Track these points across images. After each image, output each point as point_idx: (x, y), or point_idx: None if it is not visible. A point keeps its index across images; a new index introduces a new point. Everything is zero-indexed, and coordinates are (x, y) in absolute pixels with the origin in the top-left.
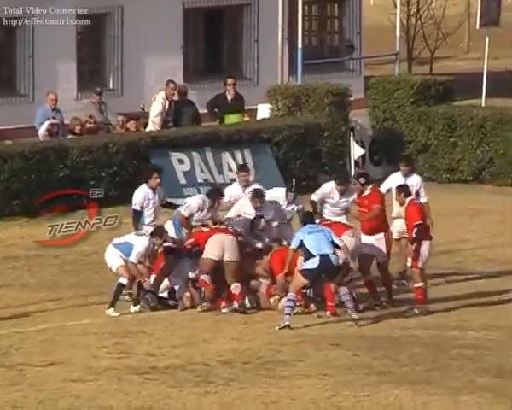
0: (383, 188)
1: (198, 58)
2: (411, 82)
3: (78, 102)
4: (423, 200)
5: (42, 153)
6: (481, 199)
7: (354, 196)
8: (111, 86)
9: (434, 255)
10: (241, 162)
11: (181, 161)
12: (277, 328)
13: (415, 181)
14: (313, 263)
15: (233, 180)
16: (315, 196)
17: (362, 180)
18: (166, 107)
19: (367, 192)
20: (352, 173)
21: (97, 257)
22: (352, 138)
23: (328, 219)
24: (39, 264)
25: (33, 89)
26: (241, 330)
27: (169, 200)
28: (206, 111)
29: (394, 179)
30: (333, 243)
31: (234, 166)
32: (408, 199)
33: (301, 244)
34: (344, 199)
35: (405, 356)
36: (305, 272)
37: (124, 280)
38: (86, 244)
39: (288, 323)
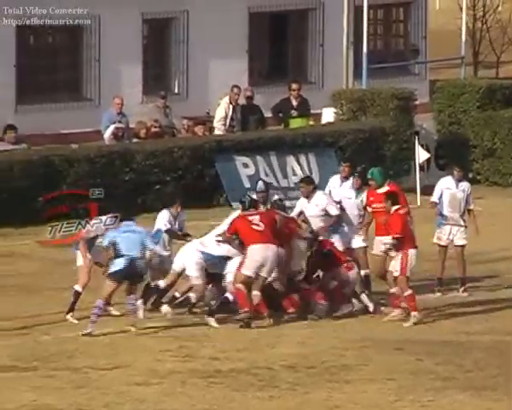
0: (436, 194)
1: (263, 62)
2: (477, 86)
3: (143, 105)
4: (471, 207)
5: (107, 157)
6: None
7: (323, 197)
8: (176, 90)
9: (499, 261)
10: (305, 166)
11: (245, 165)
12: (81, 334)
13: (466, 187)
14: (119, 265)
15: (297, 184)
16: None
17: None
18: (230, 112)
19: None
20: (417, 178)
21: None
22: (416, 142)
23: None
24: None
25: (99, 93)
26: (305, 335)
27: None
28: (270, 115)
29: (445, 183)
30: (145, 247)
31: (298, 171)
32: (394, 208)
33: (114, 244)
34: (313, 204)
35: (469, 361)
36: (111, 276)
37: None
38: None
39: (90, 330)
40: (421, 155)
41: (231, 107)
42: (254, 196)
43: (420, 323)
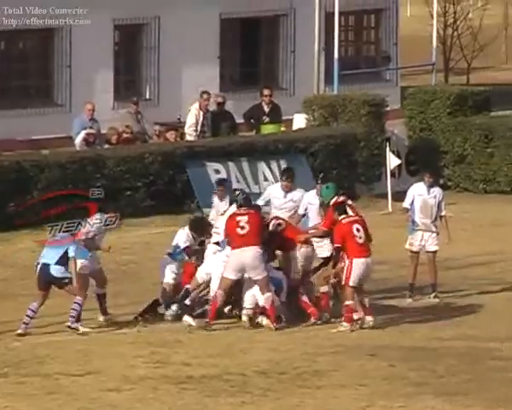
0: (407, 201)
1: (234, 68)
2: (448, 92)
3: (114, 111)
4: (443, 213)
5: (79, 162)
6: None
7: (300, 196)
8: (147, 96)
9: (471, 266)
10: (277, 172)
11: (217, 171)
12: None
13: (438, 193)
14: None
15: None
16: (260, 202)
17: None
18: (201, 118)
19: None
20: (388, 184)
21: (135, 267)
22: (388, 149)
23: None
24: None
25: (70, 99)
26: (278, 341)
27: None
28: (242, 121)
29: (417, 189)
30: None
31: (270, 177)
32: (340, 217)
33: None
34: (289, 199)
35: (442, 367)
36: None
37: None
38: (124, 254)
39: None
40: (393, 161)
41: (201, 113)
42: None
43: (347, 332)
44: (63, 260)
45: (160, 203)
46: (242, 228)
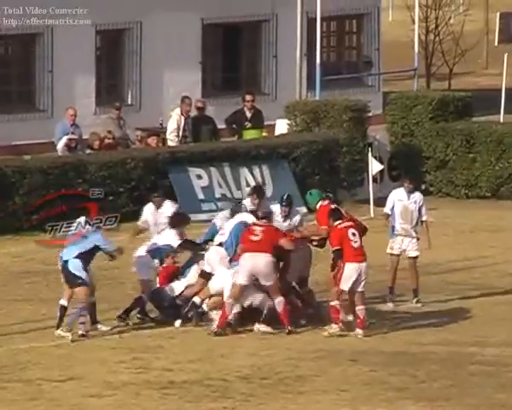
0: (388, 206)
1: (216, 73)
2: (430, 98)
3: (96, 117)
4: (424, 218)
5: (61, 168)
6: (500, 215)
7: (298, 219)
8: (129, 101)
9: (452, 271)
10: (259, 178)
11: (199, 177)
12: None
13: (418, 198)
14: None
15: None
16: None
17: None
18: (182, 123)
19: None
20: (371, 189)
21: (117, 272)
22: (370, 154)
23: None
24: (58, 279)
25: (52, 104)
26: (259, 346)
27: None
28: (224, 127)
29: (397, 195)
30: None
31: (252, 182)
32: (335, 223)
33: None
34: (287, 223)
35: (423, 372)
36: None
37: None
38: (106, 258)
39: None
40: (375, 166)
41: (183, 118)
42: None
43: (334, 335)
44: (84, 255)
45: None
46: (256, 235)
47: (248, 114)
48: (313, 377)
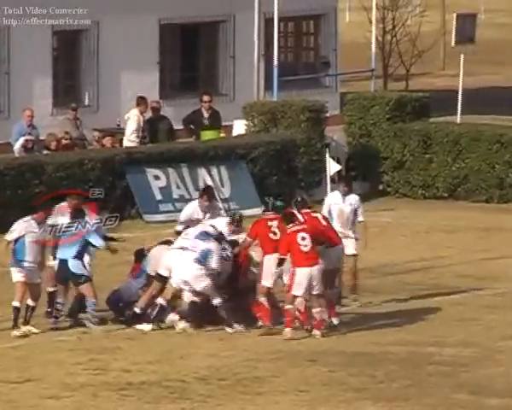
0: (324, 209)
1: (174, 74)
2: (387, 98)
3: (53, 118)
4: (360, 218)
5: (17, 169)
6: (456, 215)
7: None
8: (87, 102)
9: (409, 272)
10: (217, 178)
11: (157, 177)
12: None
13: (353, 200)
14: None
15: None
16: (179, 226)
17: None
18: (141, 123)
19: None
20: (328, 189)
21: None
22: (327, 155)
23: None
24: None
25: (9, 105)
26: (218, 347)
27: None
28: (182, 127)
29: (333, 199)
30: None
31: (210, 183)
32: (288, 226)
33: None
34: (208, 216)
35: (382, 373)
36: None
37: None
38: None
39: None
40: (332, 167)
41: (142, 119)
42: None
43: (290, 340)
44: (81, 254)
45: (100, 209)
46: (275, 234)
47: (206, 115)
48: (272, 378)
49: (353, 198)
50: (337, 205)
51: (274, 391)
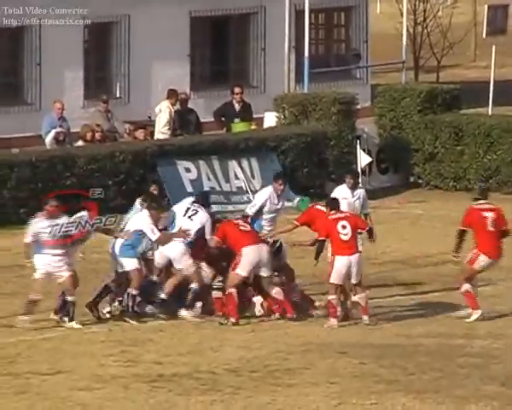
0: None
1: (205, 66)
2: (418, 90)
3: (84, 110)
4: (366, 211)
5: (49, 161)
6: None
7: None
8: (117, 94)
9: (441, 264)
10: (247, 170)
11: (187, 170)
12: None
13: (360, 194)
14: None
15: (239, 188)
16: (251, 210)
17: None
18: (172, 115)
19: None
20: (360, 182)
21: (105, 265)
22: (358, 147)
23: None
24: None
25: (40, 97)
26: (248, 339)
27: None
28: (212, 119)
29: (341, 193)
30: None
31: (241, 175)
32: (331, 212)
33: None
34: (281, 202)
35: (412, 365)
36: None
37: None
38: (94, 252)
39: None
40: (363, 159)
41: (173, 111)
42: None
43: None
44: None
45: (131, 202)
46: (245, 227)
47: (237, 107)
48: (302, 369)
49: (361, 192)
50: (345, 199)
51: (305, 383)
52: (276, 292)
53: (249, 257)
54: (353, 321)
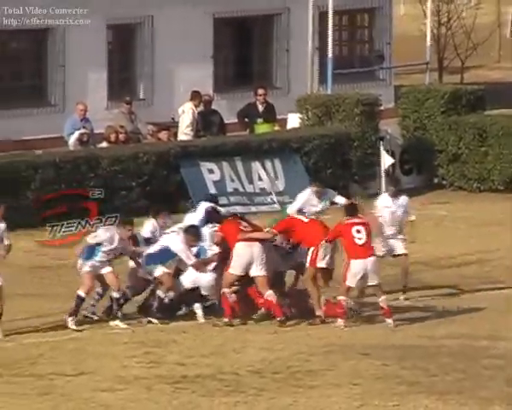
0: (379, 212)
1: (228, 68)
2: (442, 91)
3: (108, 111)
4: (412, 218)
5: (73, 162)
6: None
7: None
8: (141, 96)
9: (464, 265)
10: (270, 171)
11: (211, 171)
12: None
13: (404, 201)
14: None
15: (262, 189)
16: (291, 210)
17: None
18: (196, 117)
19: None
20: (383, 183)
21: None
22: (381, 148)
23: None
24: (70, 273)
25: (64, 99)
26: (271, 340)
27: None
28: (236, 120)
29: (383, 202)
30: None
31: (264, 176)
32: (345, 218)
33: None
34: (322, 204)
35: (435, 366)
36: None
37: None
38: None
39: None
40: (387, 160)
41: (196, 112)
42: None
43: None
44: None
45: (155, 203)
46: (246, 227)
47: (260, 108)
48: (324, 371)
49: (403, 199)
50: (388, 208)
51: (327, 384)
52: (269, 295)
53: (239, 256)
54: (376, 323)
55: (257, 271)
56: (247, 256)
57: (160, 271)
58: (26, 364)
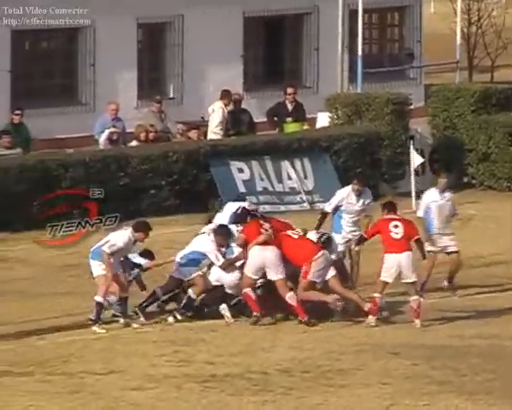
0: (421, 210)
1: (258, 66)
2: (472, 90)
3: (138, 110)
4: (456, 214)
5: (103, 161)
6: None
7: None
8: (171, 95)
9: (494, 264)
10: (300, 171)
11: (240, 170)
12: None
13: (450, 195)
14: None
15: (292, 189)
16: (329, 208)
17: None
18: (225, 116)
19: None
20: (412, 182)
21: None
22: (411, 147)
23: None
24: None
25: (94, 98)
26: (300, 339)
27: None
28: (265, 119)
29: (431, 197)
30: None
31: (293, 175)
32: (384, 213)
33: None
34: (361, 202)
35: (465, 366)
36: None
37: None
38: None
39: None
40: (416, 159)
41: (226, 111)
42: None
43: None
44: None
45: (184, 202)
46: (266, 230)
47: (290, 107)
48: (354, 370)
49: (449, 194)
50: (436, 202)
51: (357, 384)
52: (290, 297)
53: (253, 258)
54: (406, 322)
55: (274, 275)
56: (259, 260)
57: (194, 273)
58: (58, 362)
